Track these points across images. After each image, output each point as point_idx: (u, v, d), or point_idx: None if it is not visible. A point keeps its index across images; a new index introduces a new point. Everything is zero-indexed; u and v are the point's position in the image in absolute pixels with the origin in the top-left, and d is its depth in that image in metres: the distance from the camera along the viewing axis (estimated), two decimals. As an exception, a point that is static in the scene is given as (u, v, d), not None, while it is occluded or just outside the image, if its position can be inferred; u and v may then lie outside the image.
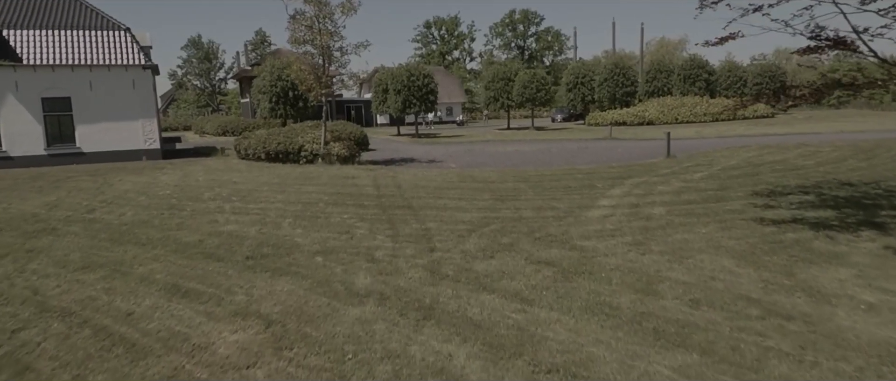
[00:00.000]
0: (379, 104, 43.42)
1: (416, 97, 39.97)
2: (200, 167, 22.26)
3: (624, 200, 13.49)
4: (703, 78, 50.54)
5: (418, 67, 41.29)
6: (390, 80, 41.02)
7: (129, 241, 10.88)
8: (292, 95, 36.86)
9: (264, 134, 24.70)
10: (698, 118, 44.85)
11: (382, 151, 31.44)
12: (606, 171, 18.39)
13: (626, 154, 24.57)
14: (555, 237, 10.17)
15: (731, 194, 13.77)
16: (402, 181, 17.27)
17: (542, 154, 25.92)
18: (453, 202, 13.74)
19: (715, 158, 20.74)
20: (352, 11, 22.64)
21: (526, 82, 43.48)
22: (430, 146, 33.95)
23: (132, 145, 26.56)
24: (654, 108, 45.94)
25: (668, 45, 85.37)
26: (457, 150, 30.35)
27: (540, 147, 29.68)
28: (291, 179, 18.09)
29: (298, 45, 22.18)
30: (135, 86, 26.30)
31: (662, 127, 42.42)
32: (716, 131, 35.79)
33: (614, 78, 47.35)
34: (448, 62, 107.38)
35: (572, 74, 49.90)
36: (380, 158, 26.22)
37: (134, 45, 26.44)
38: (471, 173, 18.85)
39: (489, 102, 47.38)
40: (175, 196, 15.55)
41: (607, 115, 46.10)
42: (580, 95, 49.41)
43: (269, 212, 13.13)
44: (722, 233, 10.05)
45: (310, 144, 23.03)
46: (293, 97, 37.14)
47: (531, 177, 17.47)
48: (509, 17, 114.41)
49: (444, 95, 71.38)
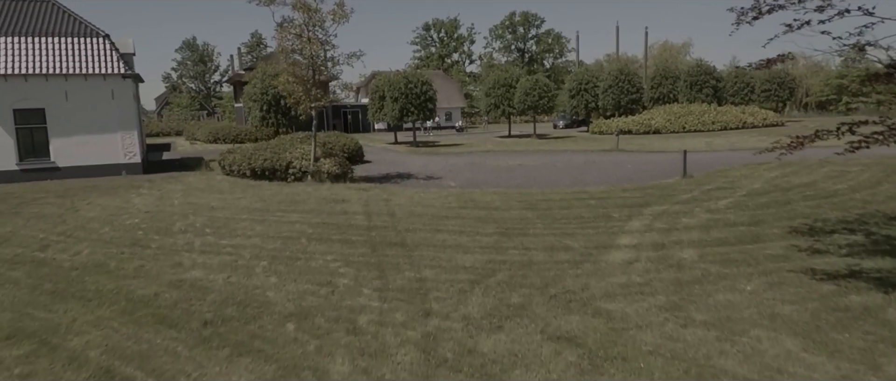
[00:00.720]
0: (376, 112, 41.86)
1: (414, 105, 38.39)
2: (180, 186, 20.67)
3: (646, 237, 11.92)
4: (711, 85, 49.01)
5: (416, 73, 39.72)
6: (387, 87, 39.44)
7: (75, 294, 9.31)
8: (284, 103, 35.26)
9: (250, 149, 23.13)
10: (706, 127, 43.31)
11: (378, 163, 29.85)
12: (620, 195, 16.81)
13: (637, 171, 23.01)
14: (574, 294, 8.60)
15: (767, 230, 12.21)
16: (397, 207, 15.69)
17: (547, 170, 24.35)
18: (453, 238, 12.17)
19: (736, 179, 19.18)
20: (344, 19, 21.09)
21: (528, 89, 41.95)
22: (428, 157, 32.38)
23: (111, 159, 24.97)
24: (661, 116, 44.38)
25: (672, 49, 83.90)
26: (456, 163, 28.79)
27: (544, 161, 28.12)
28: (275, 204, 16.51)
29: (286, 54, 20.60)
30: (114, 96, 24.71)
31: (669, 136, 40.90)
32: (727, 143, 34.24)
33: (619, 85, 45.80)
34: (447, 65, 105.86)
35: (575, 81, 48.35)
36: (375, 174, 24.64)
37: (113, 53, 24.85)
38: (472, 196, 17.28)
39: (490, 109, 45.85)
40: (143, 226, 13.97)
41: (612, 123, 44.53)
42: (583, 101, 47.87)
43: (244, 251, 11.56)
44: (772, 292, 8.48)
45: (298, 160, 21.45)
46: (285, 106, 35.53)
47: (538, 203, 15.90)
48: (509, 20, 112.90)
49: (443, 100, 69.86)
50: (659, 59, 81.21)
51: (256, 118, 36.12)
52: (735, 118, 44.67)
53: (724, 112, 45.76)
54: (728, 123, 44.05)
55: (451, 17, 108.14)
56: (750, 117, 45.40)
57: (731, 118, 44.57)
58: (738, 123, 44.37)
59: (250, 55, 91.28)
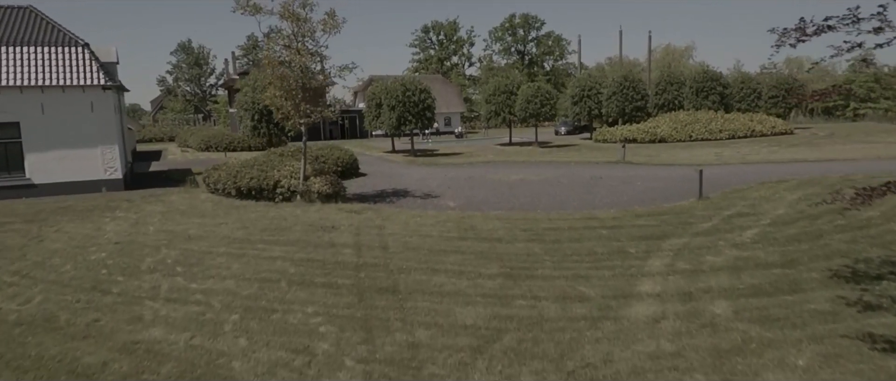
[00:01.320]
0: (372, 120, 40.50)
1: (411, 113, 37.04)
2: (159, 208, 19.30)
3: (669, 282, 10.58)
4: (718, 91, 47.66)
5: (414, 80, 38.35)
6: (384, 94, 38.09)
7: (10, 362, 7.98)
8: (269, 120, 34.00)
9: (236, 166, 21.76)
10: (713, 135, 41.98)
11: (373, 176, 28.51)
12: (634, 223, 15.46)
13: (648, 190, 21.66)
14: (595, 370, 7.26)
15: (804, 273, 10.86)
16: (390, 236, 14.34)
17: (551, 187, 23.00)
18: (451, 282, 10.83)
19: (756, 203, 17.83)
20: (335, 29, 19.78)
21: (529, 97, 40.59)
22: (426, 169, 31.03)
23: (90, 175, 23.59)
24: (667, 124, 43.04)
25: (675, 53, 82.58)
26: (456, 176, 27.44)
27: (548, 175, 26.78)
28: (257, 232, 15.16)
29: (274, 67, 19.25)
30: (93, 109, 23.34)
31: (676, 145, 39.57)
32: (738, 155, 32.88)
33: (623, 92, 44.44)
34: (446, 68, 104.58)
35: (578, 87, 46.97)
36: (369, 191, 23.29)
37: (93, 63, 23.48)
38: (472, 222, 15.94)
39: (490, 116, 44.49)
40: (109, 262, 12.62)
41: (616, 131, 43.18)
42: (586, 108, 46.50)
43: (214, 299, 10.21)
44: (829, 370, 7.14)
45: (286, 179, 20.09)
46: None
47: (545, 232, 14.55)
48: (509, 22, 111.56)
49: (442, 105, 68.52)
50: (662, 63, 79.93)
51: (248, 128, 34.75)
52: (743, 126, 43.36)
53: (732, 120, 44.44)
54: (736, 132, 42.72)
55: (451, 20, 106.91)
56: (758, 125, 44.09)
57: (739, 126, 43.25)
58: (746, 131, 43.05)
59: (247, 58, 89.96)
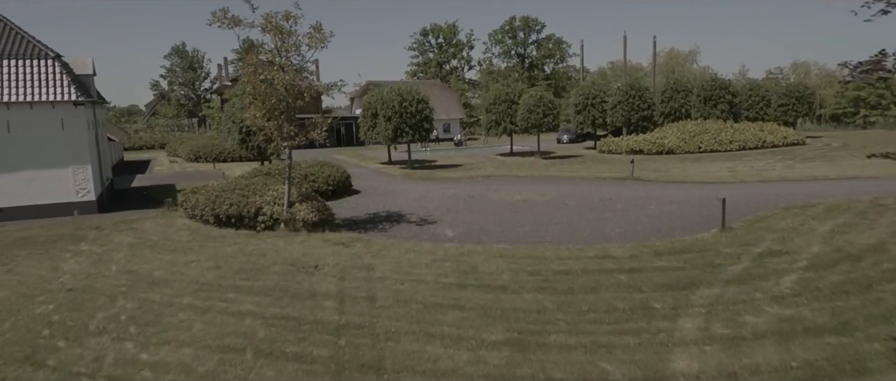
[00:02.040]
0: (368, 130, 38.81)
1: (408, 125, 35.36)
2: (129, 238, 17.61)
3: (708, 357, 8.90)
4: (726, 100, 45.96)
5: (411, 90, 36.65)
6: (380, 104, 36.41)
7: None
8: None
9: (216, 189, 20.06)
10: (723, 146, 40.30)
11: (367, 194, 26.83)
12: (654, 263, 13.77)
13: (663, 215, 19.97)
14: None
15: (866, 347, 9.18)
16: (379, 282, 12.66)
17: (558, 210, 21.32)
18: (448, 355, 9.16)
19: (786, 235, 16.14)
20: (321, 44, 18.15)
21: (531, 106, 38.90)
22: (423, 186, 29.34)
23: (61, 197, 21.92)
24: (674, 134, 41.36)
25: (678, 57, 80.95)
26: (455, 195, 25.76)
27: (553, 195, 25.09)
28: (230, 274, 13.48)
29: (254, 86, 17.58)
30: (64, 126, 21.66)
31: (685, 157, 37.91)
32: (752, 170, 31.20)
33: (629, 101, 42.74)
34: (445, 72, 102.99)
35: (582, 95, 45.28)
36: (360, 214, 21.60)
37: (64, 77, 21.79)
38: (473, 262, 14.26)
39: (490, 125, 42.82)
40: (55, 318, 10.96)
41: (622, 142, 41.51)
42: (590, 117, 44.84)
43: (165, 378, 8.53)
44: None
45: (269, 205, 18.41)
46: None
47: (556, 277, 12.87)
48: (509, 24, 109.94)
49: (441, 111, 66.93)
50: (665, 67, 78.32)
51: (236, 141, 33.07)
52: (753, 137, 41.69)
53: (742, 130, 42.76)
54: (746, 143, 41.05)
55: (450, 23, 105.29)
56: (769, 135, 42.41)
57: (750, 137, 41.58)
58: (756, 142, 41.38)
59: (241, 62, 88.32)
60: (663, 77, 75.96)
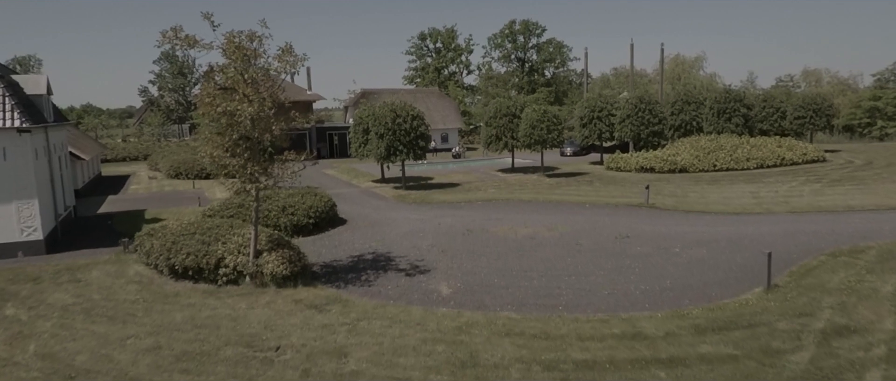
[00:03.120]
0: (359, 147, 36.13)
1: (402, 143, 32.68)
2: (67, 297, 14.92)
3: None
4: (741, 113, 43.32)
5: (405, 105, 33.94)
6: (371, 120, 33.70)
7: None
8: None
9: (175, 231, 17.37)
10: (740, 164, 37.64)
11: (354, 224, 24.15)
12: (697, 349, 11.10)
13: (693, 263, 17.30)
14: None
15: None
16: (352, 378, 10.00)
17: (570, 254, 18.64)
18: None
19: (847, 302, 13.46)
20: (293, 69, 15.56)
21: (534, 122, 36.24)
22: (418, 213, 26.65)
23: (2, 237, 19.22)
24: (687, 151, 38.70)
25: (684, 64, 78.33)
26: (452, 227, 23.08)
27: (563, 230, 22.43)
28: (168, 364, 10.81)
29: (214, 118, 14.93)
30: (6, 156, 18.98)
31: (700, 177, 35.23)
32: (780, 198, 28.49)
33: (639, 115, 40.08)
34: (444, 78, 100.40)
35: (587, 108, 42.63)
36: (343, 257, 18.90)
37: (6, 101, 19.10)
38: (473, 346, 11.60)
39: (490, 140, 40.19)
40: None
41: (632, 159, 38.83)
42: (596, 130, 42.22)
43: None
44: None
45: (233, 255, 15.73)
46: None
47: (577, 374, 10.19)
48: (509, 28, 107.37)
49: (439, 121, 64.38)
50: (671, 74, 75.71)
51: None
52: (771, 154, 39.02)
53: (759, 146, 40.09)
54: (764, 160, 38.38)
55: (448, 27, 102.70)
56: (788, 152, 39.74)
57: (768, 154, 38.92)
58: (775, 160, 38.71)
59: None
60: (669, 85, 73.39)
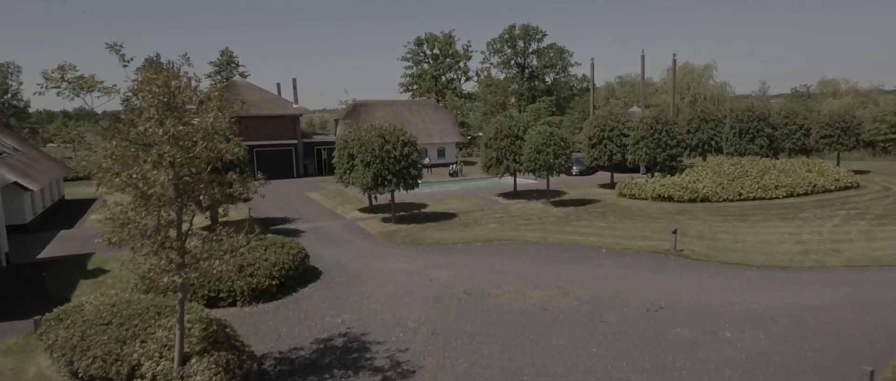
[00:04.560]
0: (344, 173, 32.26)
1: (391, 172, 28.82)
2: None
3: None
4: (765, 134, 39.57)
5: (395, 130, 30.01)
6: (357, 146, 29.81)
7: None
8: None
9: (87, 317, 13.48)
10: (768, 193, 33.83)
11: (328, 281, 20.30)
12: None
13: (756, 361, 13.46)
14: None
15: None
16: None
17: (596, 346, 14.79)
18: None
19: None
20: (231, 112, 11.79)
21: (539, 146, 32.40)
22: (406, 260, 22.81)
23: None
24: (709, 178, 34.88)
25: (693, 73, 74.55)
26: (446, 286, 19.24)
27: (581, 295, 18.61)
28: None
29: (118, 185, 11.12)
30: None
31: (726, 209, 31.42)
32: (827, 243, 24.68)
33: (654, 137, 36.26)
34: (441, 85, 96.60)
35: (596, 127, 38.84)
36: (304, 347, 15.00)
37: None
38: None
39: (490, 163, 36.40)
40: None
41: (647, 185, 35.00)
42: (606, 151, 38.44)
43: None
44: None
45: (153, 360, 11.86)
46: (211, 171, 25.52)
47: None
48: (509, 33, 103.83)
49: (436, 135, 60.61)
50: (680, 84, 71.91)
51: (172, 197, 26.53)
52: (801, 180, 35.22)
53: (787, 171, 36.28)
54: (794, 188, 34.58)
55: (446, 32, 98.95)
56: (819, 178, 35.93)
57: (798, 180, 35.12)
58: (806, 187, 34.91)
59: (220, 75, 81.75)
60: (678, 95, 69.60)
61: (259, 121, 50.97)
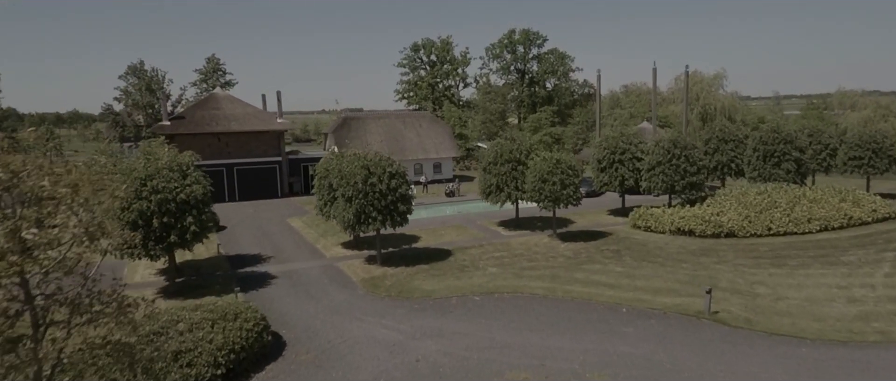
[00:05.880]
0: (324, 206, 28.61)
1: (376, 208, 25.17)
2: None
3: None
4: (793, 158, 35.95)
5: (382, 161, 26.28)
6: (337, 177, 26.13)
7: None
8: (161, 219, 21.34)
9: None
10: (800, 226, 30.23)
11: (292, 354, 16.70)
12: None
13: None
14: None
15: None
16: None
17: None
18: None
19: None
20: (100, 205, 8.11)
21: (544, 174, 28.77)
22: (391, 327, 19.16)
23: None
24: (734, 209, 31.25)
25: (703, 82, 70.97)
26: (436, 367, 15.60)
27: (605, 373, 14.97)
28: None
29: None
30: None
31: (757, 249, 27.81)
32: (878, 294, 21.17)
33: (673, 162, 32.62)
34: (438, 93, 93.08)
35: (606, 149, 35.25)
36: None
37: None
38: None
39: (490, 190, 32.81)
40: None
41: (665, 217, 31.37)
42: (617, 176, 34.85)
43: None
44: None
45: None
46: (165, 217, 21.58)
47: None
48: (508, 38, 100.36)
49: (432, 149, 56.99)
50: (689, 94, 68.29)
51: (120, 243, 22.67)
52: (836, 212, 31.60)
53: (820, 201, 32.66)
54: (828, 221, 30.96)
55: (444, 38, 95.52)
56: (854, 208, 32.32)
57: (831, 212, 31.49)
58: (841, 219, 31.30)
59: (206, 84, 78.03)
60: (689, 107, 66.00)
61: (240, 137, 47.29)
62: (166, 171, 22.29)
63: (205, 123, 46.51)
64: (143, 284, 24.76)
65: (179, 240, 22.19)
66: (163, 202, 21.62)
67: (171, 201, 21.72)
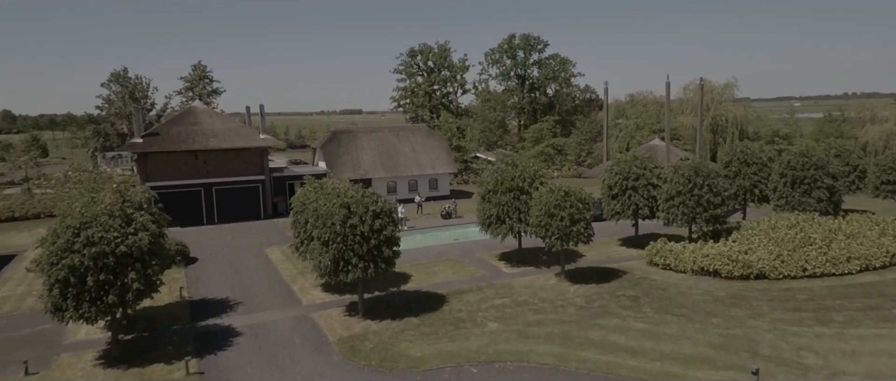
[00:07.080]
0: (300, 244, 25.14)
1: (357, 253, 21.70)
2: None
3: None
4: (825, 185, 32.50)
5: (364, 197, 22.82)
6: (313, 217, 22.64)
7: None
8: (96, 276, 17.87)
9: None
10: (838, 267, 26.80)
11: None
12: None
13: None
14: None
15: None
16: None
17: None
18: None
19: None
20: None
21: (551, 208, 25.35)
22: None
23: None
24: (763, 246, 27.81)
25: (713, 91, 67.56)
26: None
27: None
28: None
29: None
30: None
31: (790, 294, 24.36)
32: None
33: (695, 193, 29.16)
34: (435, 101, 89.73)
35: (618, 175, 31.83)
36: None
37: None
38: None
39: (490, 221, 29.40)
40: None
41: (687, 254, 27.91)
42: (631, 204, 31.44)
43: None
44: None
45: None
46: (97, 280, 18.06)
47: None
48: (508, 43, 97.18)
49: (427, 165, 53.56)
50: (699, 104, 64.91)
51: (47, 304, 19.13)
52: (877, 248, 28.18)
53: (858, 236, 29.24)
54: (870, 260, 27.53)
55: (441, 43, 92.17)
56: (894, 243, 28.88)
57: (872, 249, 28.06)
58: (883, 258, 27.86)
59: (191, 92, 74.59)
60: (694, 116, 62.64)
61: (219, 154, 43.77)
62: (105, 217, 18.79)
63: (181, 139, 42.98)
64: (86, 343, 21.28)
65: (119, 300, 18.67)
66: (99, 256, 18.12)
67: (109, 255, 18.23)
